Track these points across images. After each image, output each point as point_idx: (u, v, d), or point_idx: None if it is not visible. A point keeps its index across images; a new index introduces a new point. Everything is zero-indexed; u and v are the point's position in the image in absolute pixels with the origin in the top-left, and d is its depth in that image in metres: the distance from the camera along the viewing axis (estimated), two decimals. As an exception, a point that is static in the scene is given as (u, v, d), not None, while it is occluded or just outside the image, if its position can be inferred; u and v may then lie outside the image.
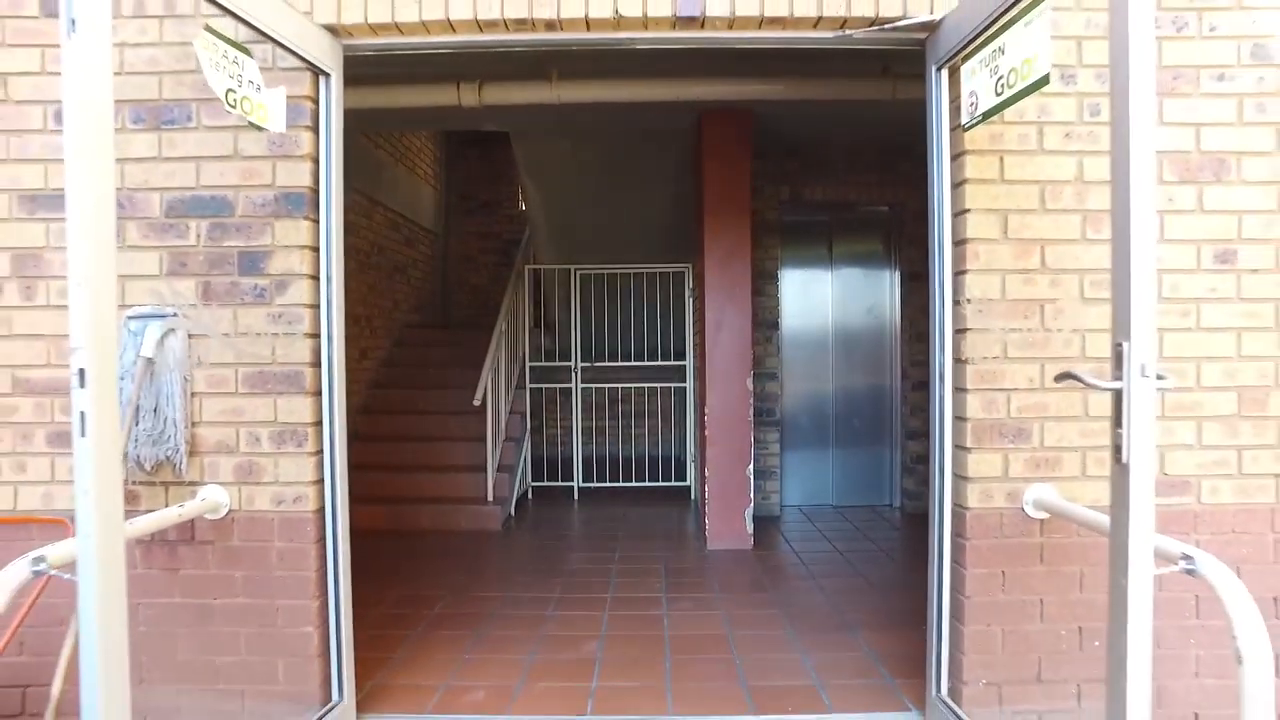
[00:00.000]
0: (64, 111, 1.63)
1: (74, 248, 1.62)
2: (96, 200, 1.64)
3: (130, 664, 1.72)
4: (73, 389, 1.62)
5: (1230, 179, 2.56)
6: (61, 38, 1.60)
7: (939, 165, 2.62)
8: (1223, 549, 2.56)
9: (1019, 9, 2.08)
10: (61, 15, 1.59)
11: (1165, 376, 1.69)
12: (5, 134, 2.59)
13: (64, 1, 1.59)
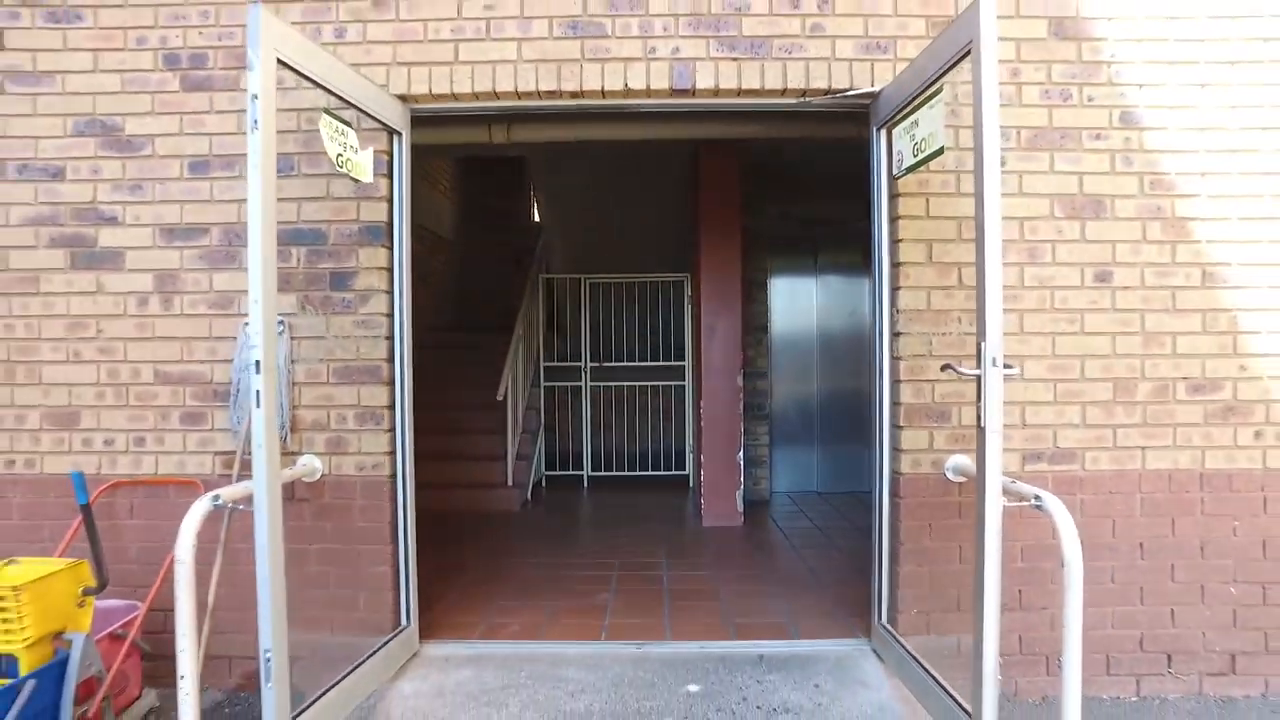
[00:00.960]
0: (249, 179, 2.35)
1: (253, 275, 2.34)
2: (264, 244, 2.35)
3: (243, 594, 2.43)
4: (251, 375, 2.34)
5: (1106, 216, 3.27)
6: (248, 132, 2.32)
7: (879, 203, 3.34)
8: (1102, 506, 3.27)
9: (925, 95, 2.79)
10: (248, 118, 2.31)
11: (1011, 366, 2.40)
12: (151, 181, 3.31)
13: (249, 109, 2.30)
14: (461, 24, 3.27)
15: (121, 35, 3.34)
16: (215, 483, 3.25)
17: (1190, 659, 3.30)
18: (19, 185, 3.35)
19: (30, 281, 3.36)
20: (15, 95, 3.35)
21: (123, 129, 3.34)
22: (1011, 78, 3.28)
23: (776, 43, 3.25)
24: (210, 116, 3.33)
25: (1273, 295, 3.29)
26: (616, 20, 3.24)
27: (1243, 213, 3.29)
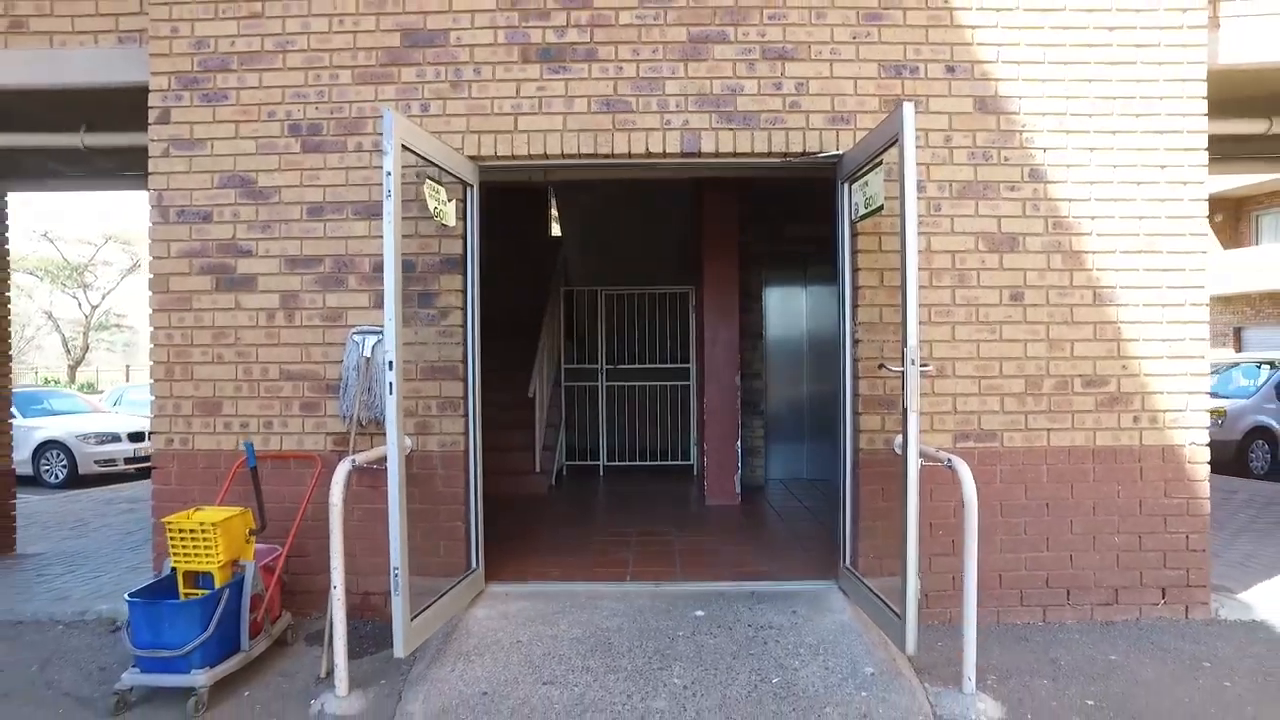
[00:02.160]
0: (385, 230, 3.31)
1: (388, 298, 3.30)
2: (395, 275, 3.31)
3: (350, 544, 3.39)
4: (386, 371, 3.29)
5: (1019, 249, 4.23)
6: (384, 198, 3.27)
7: (843, 239, 4.29)
8: (1017, 475, 4.22)
9: (871, 164, 3.75)
10: (384, 188, 3.27)
11: (927, 365, 3.35)
12: (278, 222, 4.28)
13: (385, 182, 3.26)
14: (520, 101, 4.24)
15: (256, 110, 4.30)
16: (328, 458, 4.22)
17: (1084, 593, 4.24)
18: (177, 226, 4.32)
19: (184, 300, 4.32)
20: (177, 157, 4.31)
21: (256, 182, 4.30)
22: (945, 143, 4.23)
23: (764, 116, 4.22)
24: (324, 172, 4.30)
25: (1147, 311, 4.24)
26: (639, 99, 4.21)
27: (1124, 248, 4.24)
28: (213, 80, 4.32)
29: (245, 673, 3.59)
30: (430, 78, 4.25)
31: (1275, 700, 3.37)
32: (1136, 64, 4.29)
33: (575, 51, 4.22)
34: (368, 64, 4.28)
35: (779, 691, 3.33)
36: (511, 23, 4.23)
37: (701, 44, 4.21)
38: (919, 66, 4.25)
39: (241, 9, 4.33)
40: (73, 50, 4.55)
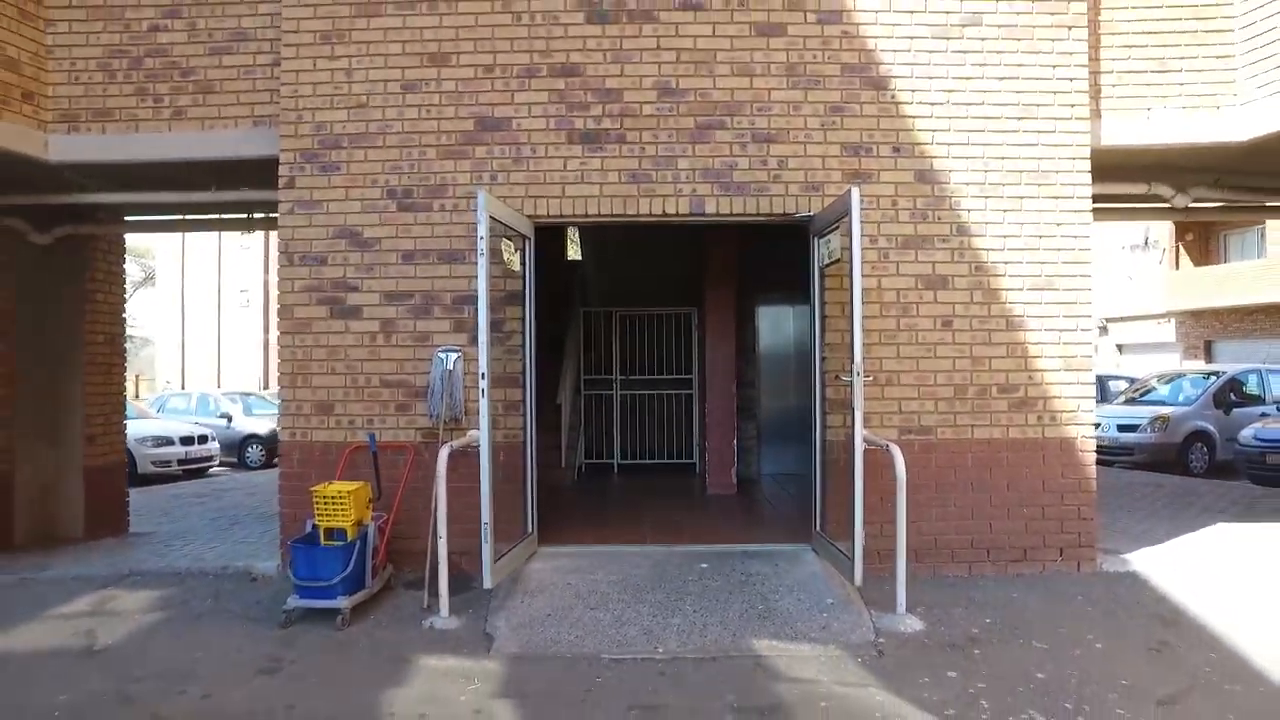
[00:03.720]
0: (479, 281, 4.58)
1: (481, 327, 4.57)
2: (486, 312, 4.58)
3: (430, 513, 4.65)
4: (480, 379, 4.56)
5: (949, 288, 5.51)
6: (478, 257, 4.55)
7: (815, 279, 5.57)
8: (949, 460, 5.49)
9: (832, 227, 5.04)
10: (477, 250, 4.55)
11: (869, 376, 4.63)
12: (378, 265, 5.55)
13: (478, 245, 4.54)
14: (566, 173, 5.53)
15: (362, 178, 5.59)
16: (418, 447, 5.48)
17: (1000, 552, 5.51)
18: (300, 268, 5.59)
19: (305, 325, 5.59)
20: (300, 214, 5.59)
21: (362, 234, 5.58)
22: (892, 205, 5.53)
23: (753, 185, 5.51)
24: (414, 226, 5.57)
25: (1048, 335, 5.53)
26: (658, 172, 5.50)
27: (1029, 285, 5.53)
28: (329, 155, 5.60)
29: (367, 605, 4.84)
30: (498, 155, 5.54)
31: (1112, 616, 4.66)
32: (1038, 145, 5.59)
33: (609, 135, 5.52)
34: (449, 144, 5.56)
35: (763, 614, 4.59)
36: (560, 113, 5.53)
37: (706, 130, 5.51)
38: (872, 147, 5.55)
39: (351, 100, 5.61)
40: (218, 131, 5.85)
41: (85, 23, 5.96)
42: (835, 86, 5.54)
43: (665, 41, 5.53)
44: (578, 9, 5.56)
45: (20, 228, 6.85)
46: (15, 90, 5.74)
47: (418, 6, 5.61)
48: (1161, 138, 5.89)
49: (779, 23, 5.55)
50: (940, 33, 5.61)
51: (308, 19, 5.66)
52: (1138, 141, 5.87)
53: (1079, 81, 5.64)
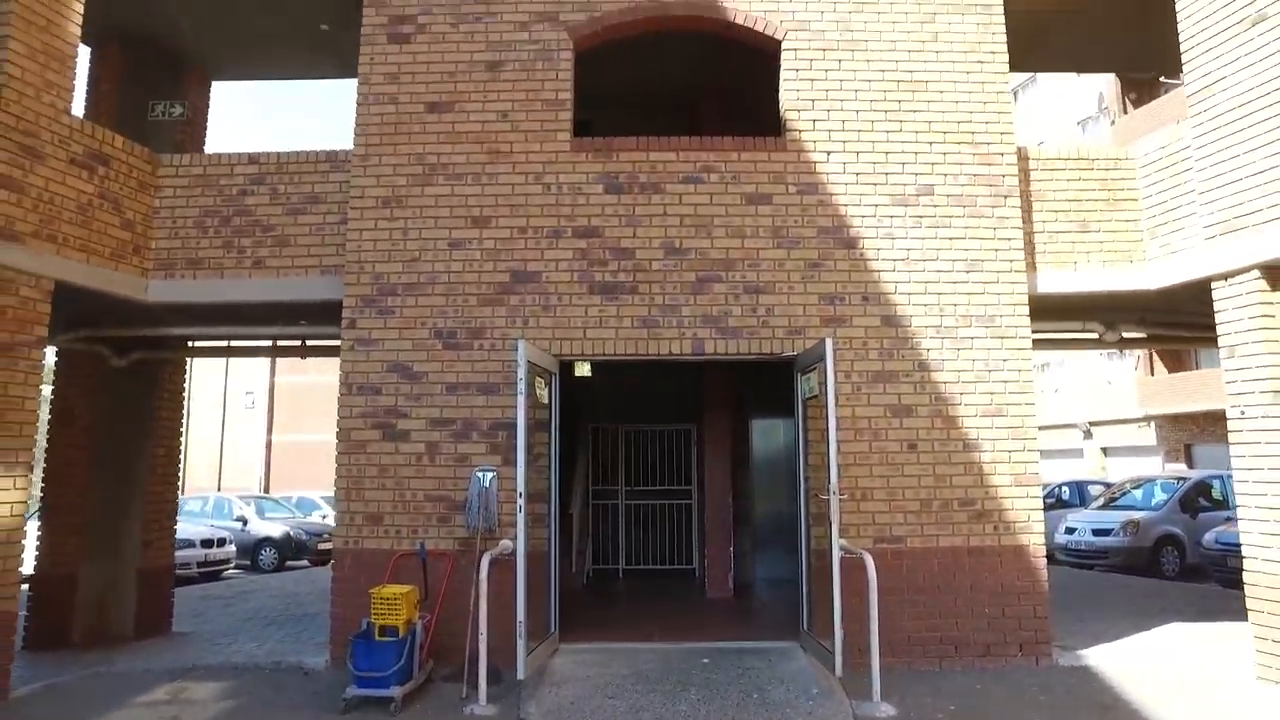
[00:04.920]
0: (517, 413, 5.52)
1: (520, 452, 5.47)
2: (524, 438, 5.49)
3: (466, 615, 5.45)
4: (519, 500, 5.43)
5: (913, 415, 6.46)
6: (516, 395, 5.50)
7: (799, 408, 6.53)
8: (918, 565, 6.31)
9: (811, 367, 6.03)
10: (515, 390, 5.50)
11: (844, 495, 5.52)
12: (425, 395, 6.48)
13: (516, 385, 5.50)
14: (587, 319, 6.55)
15: (413, 320, 6.60)
16: (456, 555, 6.28)
17: (966, 647, 6.26)
18: (357, 397, 6.53)
19: (360, 446, 6.49)
20: (359, 351, 6.58)
21: (411, 368, 6.55)
22: (863, 346, 6.54)
23: (745, 329, 6.54)
24: (457, 363, 6.55)
25: (999, 455, 6.45)
26: (664, 319, 6.54)
27: (982, 412, 6.49)
28: (385, 301, 6.64)
29: (413, 694, 5.55)
30: (529, 302, 6.58)
31: (1061, 703, 5.39)
32: (985, 293, 6.66)
33: (623, 287, 6.58)
34: (488, 292, 6.61)
35: (758, 701, 5.32)
36: (582, 268, 6.60)
37: (705, 283, 6.59)
38: (845, 296, 6.61)
39: (406, 254, 6.69)
40: (291, 279, 6.91)
41: (187, 189, 7.10)
42: (813, 246, 6.65)
43: (671, 209, 6.67)
44: (598, 181, 6.72)
45: (105, 353, 7.83)
46: (129, 245, 6.82)
47: (464, 178, 6.76)
48: (1088, 286, 6.97)
49: (766, 193, 6.71)
50: (899, 201, 6.77)
51: (371, 187, 6.81)
52: (1069, 289, 6.95)
53: (1015, 240, 6.77)
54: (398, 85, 6.94)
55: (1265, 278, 5.99)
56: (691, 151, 6.74)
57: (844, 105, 6.84)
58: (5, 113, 5.87)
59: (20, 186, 5.98)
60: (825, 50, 6.91)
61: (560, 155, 6.72)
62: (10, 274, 5.86)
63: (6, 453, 5.82)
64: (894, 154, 6.79)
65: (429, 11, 7.04)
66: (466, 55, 6.94)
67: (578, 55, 6.99)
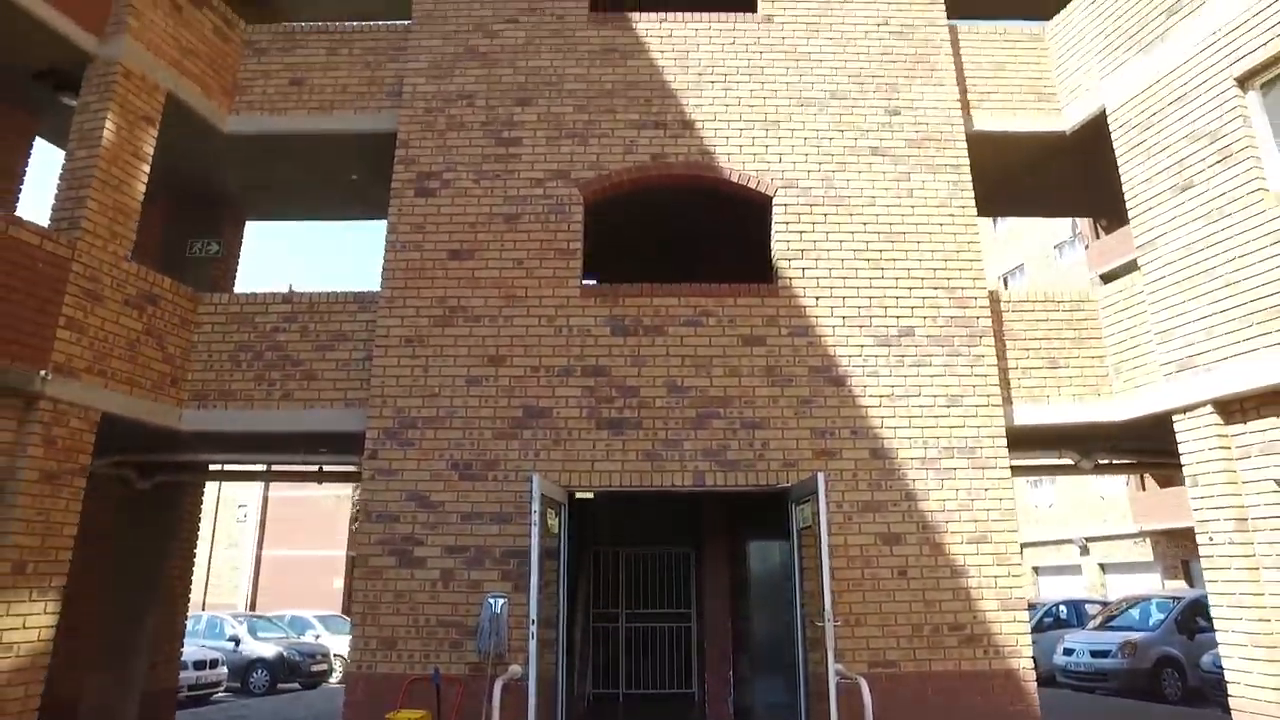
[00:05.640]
0: (531, 540, 5.89)
1: (533, 585, 5.81)
2: (537, 571, 5.84)
3: None
4: (531, 627, 5.74)
5: (903, 543, 6.83)
6: (530, 525, 5.90)
7: (793, 537, 6.90)
8: (911, 690, 6.53)
9: (804, 499, 6.45)
10: (530, 518, 5.90)
11: (838, 621, 5.84)
12: (440, 523, 6.85)
13: (531, 515, 5.89)
14: (595, 453, 7.01)
15: (431, 452, 7.04)
16: (467, 680, 6.49)
17: (963, 775, 6.41)
18: (376, 524, 6.90)
19: (377, 573, 6.80)
20: (379, 480, 6.99)
21: (429, 497, 6.95)
22: (853, 477, 6.98)
23: (742, 462, 6.99)
24: (471, 493, 6.95)
25: (987, 580, 6.79)
26: (667, 453, 7.00)
27: (968, 539, 6.87)
28: (406, 433, 7.10)
29: (423, 824, 5.67)
30: (540, 437, 7.05)
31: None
32: (965, 426, 7.17)
33: (628, 422, 7.07)
34: (502, 427, 7.09)
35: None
36: (590, 405, 7.12)
37: (705, 419, 7.09)
38: (835, 431, 7.10)
39: (426, 390, 7.20)
40: (317, 410, 7.39)
41: (224, 325, 7.68)
42: (804, 384, 7.20)
43: (673, 349, 7.25)
44: (605, 324, 7.33)
45: (130, 476, 8.22)
46: (168, 378, 7.32)
47: (482, 320, 7.36)
48: (1060, 418, 7.49)
49: (760, 335, 7.31)
50: (883, 341, 7.37)
51: (396, 326, 7.39)
52: (1043, 421, 7.46)
53: (991, 377, 7.33)
54: (423, 234, 7.65)
55: (1219, 412, 6.53)
56: (691, 297, 7.38)
57: (830, 254, 7.55)
58: (77, 261, 6.51)
59: (81, 327, 6.54)
60: (812, 205, 7.68)
61: (571, 300, 7.35)
62: (65, 407, 6.33)
63: (42, 578, 6.13)
64: (877, 298, 7.44)
65: (453, 168, 7.83)
66: (486, 208, 7.68)
67: (587, 208, 7.74)
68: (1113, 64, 7.83)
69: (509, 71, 8.13)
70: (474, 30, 8.35)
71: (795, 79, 8.12)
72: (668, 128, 7.85)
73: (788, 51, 8.22)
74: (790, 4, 8.45)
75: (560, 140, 7.82)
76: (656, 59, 8.15)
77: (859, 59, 8.24)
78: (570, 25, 8.32)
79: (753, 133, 7.87)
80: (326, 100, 8.37)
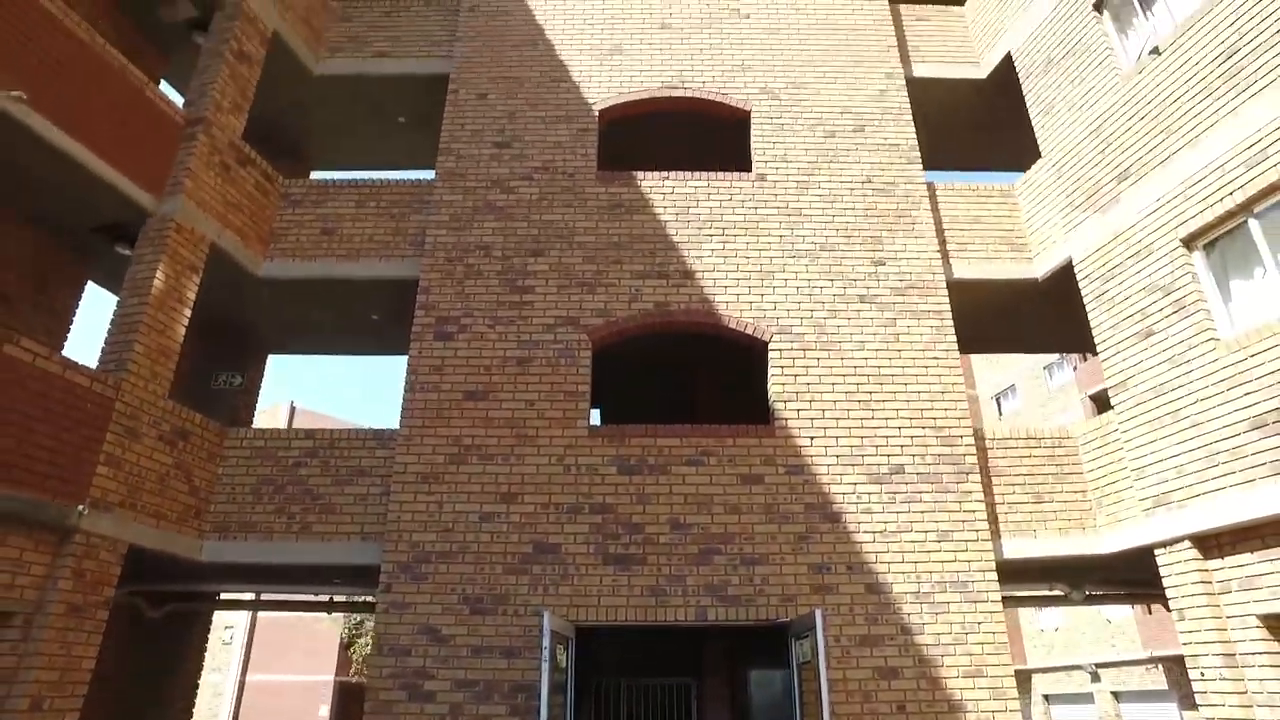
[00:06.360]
0: (541, 677, 6.10)
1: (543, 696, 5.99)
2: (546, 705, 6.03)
3: None
4: None
5: (900, 677, 7.01)
6: (542, 663, 6.13)
7: (793, 669, 7.08)
8: (915, 833, 6.56)
9: (803, 635, 6.69)
10: (542, 656, 6.14)
11: None
12: (452, 658, 7.05)
13: (543, 653, 6.14)
14: (601, 588, 7.29)
15: (444, 586, 7.29)
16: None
17: None
18: (388, 658, 7.08)
19: (387, 706, 6.94)
20: (393, 614, 7.21)
21: (440, 631, 7.16)
22: (850, 611, 7.23)
23: (743, 597, 7.26)
24: (482, 627, 7.17)
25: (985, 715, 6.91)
26: (670, 588, 7.28)
27: (963, 672, 7.05)
28: (419, 568, 7.39)
29: None
30: (549, 572, 7.34)
31: None
32: (956, 560, 7.47)
33: (633, 559, 7.39)
34: (512, 562, 7.39)
35: None
36: (598, 541, 7.44)
37: (706, 555, 7.41)
38: (831, 566, 7.40)
39: (440, 525, 7.54)
40: (334, 543, 7.70)
41: (248, 459, 8.08)
42: (801, 520, 7.56)
43: (676, 488, 7.65)
44: (612, 463, 7.74)
45: (141, 606, 8.40)
46: (192, 510, 7.67)
47: (495, 458, 7.78)
48: (1048, 551, 7.80)
49: (759, 474, 7.72)
50: (875, 478, 7.77)
51: (413, 464, 7.80)
52: (1031, 554, 7.77)
53: (980, 512, 7.69)
54: (441, 375, 8.17)
55: (1197, 548, 6.86)
56: (693, 437, 7.84)
57: (823, 396, 8.06)
58: (121, 401, 6.98)
59: (119, 462, 6.94)
60: (805, 349, 8.26)
61: (579, 440, 7.80)
62: (97, 540, 6.65)
63: (58, 715, 6.28)
64: (868, 438, 7.90)
65: (470, 314, 8.44)
66: (501, 351, 8.25)
67: (595, 352, 8.31)
68: (1075, 221, 8.60)
69: (524, 224, 8.88)
70: (492, 186, 9.17)
71: (788, 232, 8.87)
72: (670, 277, 8.53)
73: (780, 207, 9.02)
74: (782, 164, 9.32)
75: (570, 289, 8.47)
76: (660, 213, 8.93)
77: (846, 214, 9.02)
78: (580, 182, 9.15)
79: (749, 282, 8.54)
80: (354, 248, 9.08)
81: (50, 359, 6.49)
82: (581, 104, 9.65)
